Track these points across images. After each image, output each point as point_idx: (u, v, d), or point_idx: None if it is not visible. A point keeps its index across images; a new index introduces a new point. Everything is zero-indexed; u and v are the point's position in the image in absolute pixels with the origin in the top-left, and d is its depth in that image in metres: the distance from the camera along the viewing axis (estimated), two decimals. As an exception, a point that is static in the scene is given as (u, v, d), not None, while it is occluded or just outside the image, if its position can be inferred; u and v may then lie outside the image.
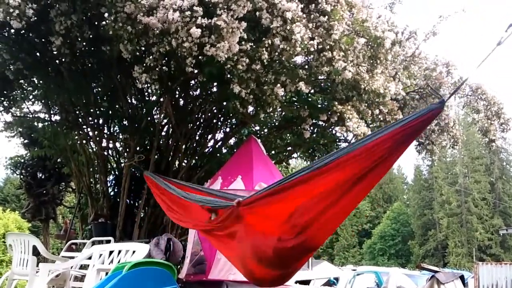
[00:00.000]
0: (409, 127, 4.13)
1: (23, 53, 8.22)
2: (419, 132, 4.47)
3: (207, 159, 11.27)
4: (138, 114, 10.36)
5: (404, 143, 4.31)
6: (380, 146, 4.21)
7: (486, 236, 51.40)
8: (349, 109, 8.69)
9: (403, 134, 4.17)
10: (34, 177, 12.95)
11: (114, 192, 10.91)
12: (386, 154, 4.27)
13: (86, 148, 10.70)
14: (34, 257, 6.75)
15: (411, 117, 4.21)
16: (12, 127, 11.58)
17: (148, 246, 6.74)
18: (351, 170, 4.41)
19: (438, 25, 11.78)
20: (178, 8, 6.55)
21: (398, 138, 4.18)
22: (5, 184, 45.39)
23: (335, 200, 4.62)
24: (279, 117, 11.78)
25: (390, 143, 4.19)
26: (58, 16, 7.12)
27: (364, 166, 4.35)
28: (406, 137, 4.23)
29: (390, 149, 4.24)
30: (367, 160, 4.31)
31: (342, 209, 4.84)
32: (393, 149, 4.26)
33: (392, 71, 9.75)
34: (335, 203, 4.64)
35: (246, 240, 5.27)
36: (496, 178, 55.87)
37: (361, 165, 4.35)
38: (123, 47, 7.04)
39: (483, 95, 12.06)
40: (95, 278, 6.40)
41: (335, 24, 7.72)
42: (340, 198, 4.60)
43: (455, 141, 12.02)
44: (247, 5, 6.73)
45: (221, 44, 6.62)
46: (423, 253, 55.98)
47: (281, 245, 5.13)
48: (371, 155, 4.27)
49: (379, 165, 4.37)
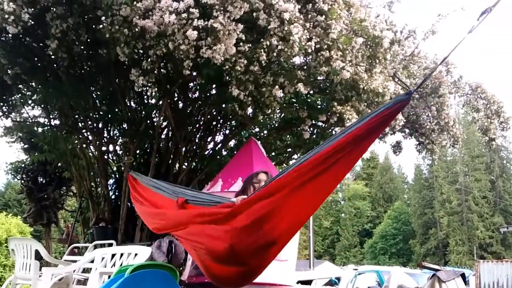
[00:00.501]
0: (376, 119, 4.10)
1: (21, 58, 8.20)
2: (385, 124, 4.42)
3: (207, 161, 11.27)
4: (138, 117, 10.37)
5: (370, 135, 4.28)
6: (345, 143, 4.22)
7: (487, 234, 51.41)
8: (348, 109, 8.69)
9: (370, 127, 4.14)
10: (35, 182, 12.96)
11: (115, 196, 10.92)
12: (351, 147, 4.26)
13: (86, 152, 10.70)
14: (37, 262, 6.76)
15: (378, 110, 4.19)
16: (12, 132, 11.59)
17: (150, 249, 6.73)
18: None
19: (437, 23, 11.77)
20: (174, 10, 6.54)
21: (364, 131, 4.15)
22: (6, 189, 45.48)
23: (295, 189, 4.51)
24: (278, 119, 11.77)
25: (355, 137, 4.19)
26: (54, 20, 7.12)
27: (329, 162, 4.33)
28: (372, 130, 4.20)
29: (355, 142, 4.23)
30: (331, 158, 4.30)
31: (304, 199, 4.68)
32: (358, 141, 4.24)
33: (391, 70, 9.75)
34: (295, 192, 4.52)
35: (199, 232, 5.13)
36: (496, 176, 55.87)
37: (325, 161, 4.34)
38: (120, 50, 7.05)
39: (482, 94, 12.08)
40: (98, 281, 6.40)
41: (333, 23, 7.72)
42: (300, 187, 4.49)
43: (455, 140, 12.02)
44: (243, 6, 6.70)
45: (218, 46, 6.60)
46: (424, 251, 55.98)
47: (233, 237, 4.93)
48: (337, 153, 4.28)
49: (342, 158, 4.32)
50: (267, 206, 4.65)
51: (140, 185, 6.54)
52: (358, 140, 4.22)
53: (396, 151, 13.03)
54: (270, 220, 4.73)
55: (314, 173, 4.39)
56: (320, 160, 4.34)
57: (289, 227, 5.01)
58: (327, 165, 4.35)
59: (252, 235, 4.82)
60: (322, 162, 4.34)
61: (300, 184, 4.46)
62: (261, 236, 4.85)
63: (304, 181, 4.43)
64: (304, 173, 4.42)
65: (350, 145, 4.23)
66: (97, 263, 6.81)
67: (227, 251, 4.91)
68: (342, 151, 4.25)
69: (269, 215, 4.71)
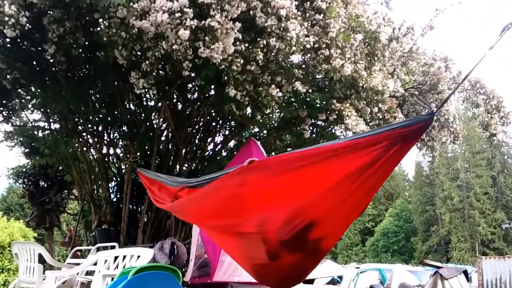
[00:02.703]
0: (395, 134, 4.06)
1: (19, 62, 8.20)
2: (403, 142, 4.19)
3: (208, 162, 11.28)
4: (137, 119, 10.38)
5: (388, 151, 4.18)
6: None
7: (489, 231, 51.29)
8: (347, 107, 8.68)
9: (386, 143, 4.09)
10: (37, 186, 12.97)
11: (117, 198, 10.93)
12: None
13: (86, 155, 10.72)
14: (40, 265, 6.78)
15: (395, 125, 4.20)
16: (13, 137, 11.60)
17: (152, 251, 6.74)
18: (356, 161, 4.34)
19: (435, 18, 11.77)
20: (167, 10, 6.53)
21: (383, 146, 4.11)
22: (8, 193, 45.47)
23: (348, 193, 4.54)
24: (278, 118, 11.76)
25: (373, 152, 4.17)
26: (51, 24, 7.11)
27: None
28: (390, 146, 4.13)
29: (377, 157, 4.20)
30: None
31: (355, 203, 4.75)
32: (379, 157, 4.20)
33: (390, 67, 9.76)
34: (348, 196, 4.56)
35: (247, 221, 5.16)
36: (497, 172, 55.77)
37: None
38: (118, 52, 7.05)
39: (482, 89, 12.08)
40: (101, 283, 6.42)
41: (331, 22, 7.73)
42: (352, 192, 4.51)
43: (456, 137, 12.02)
44: (241, 5, 6.70)
45: (216, 45, 6.60)
46: (426, 249, 55.88)
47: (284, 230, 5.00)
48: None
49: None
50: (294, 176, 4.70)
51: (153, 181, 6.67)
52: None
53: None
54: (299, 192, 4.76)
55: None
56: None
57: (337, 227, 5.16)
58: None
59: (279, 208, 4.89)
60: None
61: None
62: (293, 212, 4.86)
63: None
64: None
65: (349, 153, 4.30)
66: (100, 265, 6.83)
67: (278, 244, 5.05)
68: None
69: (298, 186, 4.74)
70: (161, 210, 9.75)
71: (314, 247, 5.20)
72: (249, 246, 5.36)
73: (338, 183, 4.51)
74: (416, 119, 4.19)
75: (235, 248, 5.77)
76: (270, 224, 4.99)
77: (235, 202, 5.09)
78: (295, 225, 4.87)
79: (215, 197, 5.31)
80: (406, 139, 4.14)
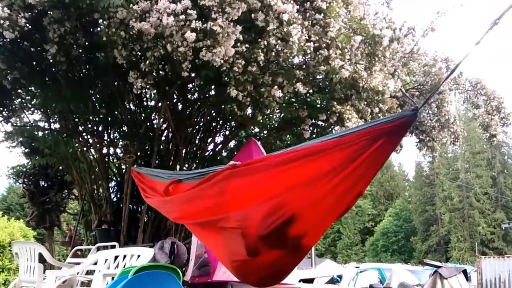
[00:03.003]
0: (374, 130, 4.06)
1: (19, 62, 8.20)
2: (388, 137, 4.13)
3: (208, 162, 11.28)
4: (137, 119, 10.38)
5: (370, 146, 4.14)
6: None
7: (489, 230, 51.31)
8: (348, 109, 8.68)
9: (368, 137, 4.08)
10: (37, 186, 12.97)
11: (117, 198, 10.94)
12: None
13: (86, 155, 10.72)
14: (41, 264, 6.79)
15: (379, 121, 4.18)
16: (13, 137, 11.61)
17: (152, 250, 6.74)
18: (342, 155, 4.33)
19: (436, 20, 11.79)
20: (172, 12, 6.54)
21: (364, 140, 4.10)
22: (8, 193, 45.50)
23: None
24: (278, 119, 11.77)
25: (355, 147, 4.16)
26: (51, 24, 7.12)
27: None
28: (371, 141, 4.10)
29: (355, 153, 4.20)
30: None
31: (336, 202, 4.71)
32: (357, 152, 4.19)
33: (391, 68, 9.77)
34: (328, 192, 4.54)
35: (228, 220, 5.16)
36: (497, 172, 55.80)
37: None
38: (117, 52, 7.06)
39: (482, 90, 12.09)
40: (102, 283, 6.42)
41: (331, 21, 7.73)
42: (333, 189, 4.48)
43: (456, 137, 12.04)
44: (241, 7, 6.70)
45: (217, 49, 6.61)
46: (426, 248, 55.87)
47: (264, 228, 4.97)
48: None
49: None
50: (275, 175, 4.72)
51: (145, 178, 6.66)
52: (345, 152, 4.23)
53: (396, 149, 13.03)
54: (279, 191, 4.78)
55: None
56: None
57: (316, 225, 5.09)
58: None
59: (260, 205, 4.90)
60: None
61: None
62: (272, 207, 4.86)
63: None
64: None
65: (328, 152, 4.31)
66: (101, 265, 6.83)
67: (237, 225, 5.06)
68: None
69: (278, 185, 4.75)
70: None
71: (294, 244, 5.16)
72: (229, 240, 5.35)
73: (316, 179, 4.50)
74: (400, 114, 4.15)
75: (217, 244, 5.76)
76: (250, 219, 4.98)
77: (219, 204, 5.16)
78: (274, 220, 4.83)
79: (199, 199, 5.35)
80: (390, 134, 4.09)
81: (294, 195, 4.71)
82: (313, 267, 11.41)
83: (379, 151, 4.19)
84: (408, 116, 3.95)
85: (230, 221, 5.12)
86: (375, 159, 4.31)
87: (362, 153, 4.16)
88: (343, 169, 4.31)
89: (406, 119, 3.96)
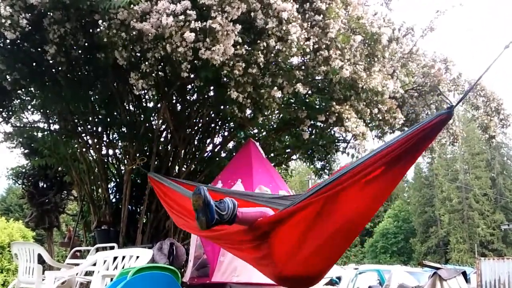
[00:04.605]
0: (416, 133, 4.02)
1: (19, 63, 8.20)
2: (426, 139, 4.19)
3: (207, 163, 11.30)
4: (137, 120, 10.39)
5: (411, 151, 4.17)
6: (385, 158, 4.14)
7: (488, 232, 51.37)
8: (347, 109, 8.66)
9: (411, 142, 4.05)
10: (36, 187, 12.99)
11: (116, 199, 10.95)
12: (391, 164, 4.19)
13: (86, 156, 10.73)
14: (40, 265, 6.80)
15: (419, 124, 4.10)
16: (13, 138, 11.62)
17: (151, 251, 6.76)
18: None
19: (435, 20, 11.75)
20: (171, 12, 6.54)
21: (407, 146, 4.07)
22: (8, 194, 45.54)
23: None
24: (277, 119, 11.75)
25: (397, 152, 4.10)
26: (51, 25, 7.14)
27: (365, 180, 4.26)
28: (413, 146, 4.10)
29: (396, 159, 4.15)
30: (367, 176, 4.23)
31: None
32: (397, 159, 4.16)
33: (390, 69, 9.76)
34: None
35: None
36: (497, 174, 55.87)
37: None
38: (118, 53, 7.06)
39: (482, 91, 12.06)
40: (100, 284, 6.43)
41: (331, 22, 7.73)
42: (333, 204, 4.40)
43: (455, 138, 12.00)
44: (241, 7, 6.70)
45: (216, 47, 6.61)
46: (425, 250, 55.90)
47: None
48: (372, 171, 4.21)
49: (384, 175, 4.26)
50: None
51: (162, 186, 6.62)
52: (397, 157, 4.15)
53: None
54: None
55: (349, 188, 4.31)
56: (361, 174, 4.25)
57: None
58: (365, 182, 4.28)
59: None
60: (362, 177, 4.26)
61: (333, 201, 4.38)
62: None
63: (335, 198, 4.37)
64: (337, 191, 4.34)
65: (389, 161, 4.17)
66: (99, 266, 6.84)
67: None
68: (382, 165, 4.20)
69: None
70: (160, 211, 9.77)
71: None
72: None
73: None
74: (437, 114, 4.12)
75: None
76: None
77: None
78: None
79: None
80: (428, 135, 4.15)
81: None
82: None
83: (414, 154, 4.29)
84: (444, 114, 3.98)
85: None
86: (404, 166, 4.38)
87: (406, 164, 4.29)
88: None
89: (441, 118, 3.98)
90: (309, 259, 4.80)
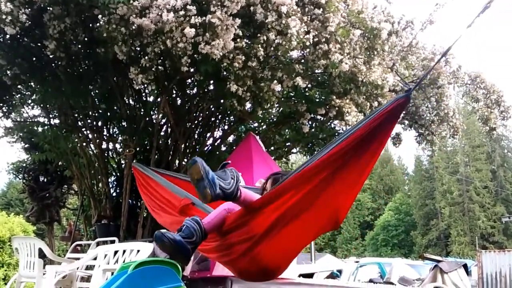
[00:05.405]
0: (375, 119, 3.92)
1: (19, 58, 8.21)
2: (388, 124, 4.06)
3: (207, 157, 11.28)
4: (137, 115, 10.40)
5: (374, 137, 4.06)
6: (343, 150, 4.04)
7: (489, 224, 51.33)
8: (347, 102, 8.67)
9: (371, 128, 3.94)
10: (37, 181, 13.03)
11: (116, 193, 10.95)
12: (351, 154, 4.09)
13: (86, 150, 10.73)
14: (41, 260, 6.79)
15: (377, 110, 4.00)
16: (13, 132, 11.64)
17: (152, 245, 6.76)
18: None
19: (435, 12, 11.73)
20: (171, 8, 6.55)
21: (365, 133, 3.96)
22: (8, 188, 45.66)
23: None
24: (277, 113, 11.77)
25: (355, 142, 4.00)
26: (51, 20, 7.15)
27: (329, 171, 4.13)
28: (374, 131, 3.99)
29: (356, 149, 4.05)
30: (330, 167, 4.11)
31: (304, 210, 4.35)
32: (361, 144, 4.05)
33: (390, 62, 9.75)
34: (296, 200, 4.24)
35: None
36: (497, 166, 55.80)
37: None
38: (117, 48, 7.07)
39: (482, 84, 12.06)
40: (101, 278, 6.44)
41: (331, 16, 7.72)
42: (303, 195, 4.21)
43: (455, 131, 12.01)
44: (240, 1, 6.71)
45: (216, 42, 6.61)
46: (426, 243, 55.88)
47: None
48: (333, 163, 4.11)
49: (347, 164, 4.16)
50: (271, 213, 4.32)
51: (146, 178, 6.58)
52: (360, 144, 4.03)
53: (395, 143, 13.00)
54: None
55: (318, 178, 4.15)
56: (322, 165, 4.12)
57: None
58: (331, 170, 4.14)
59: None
60: (324, 167, 4.13)
61: (304, 192, 4.19)
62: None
63: (308, 189, 4.18)
64: (306, 179, 4.18)
65: (352, 149, 4.05)
66: (100, 260, 6.84)
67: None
68: (346, 155, 4.08)
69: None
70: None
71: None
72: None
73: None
74: (394, 98, 4.01)
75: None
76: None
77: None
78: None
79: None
80: (389, 121, 4.04)
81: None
82: (313, 261, 11.40)
83: (378, 141, 4.15)
84: (401, 98, 3.89)
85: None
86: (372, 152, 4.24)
87: (366, 149, 4.13)
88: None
89: (399, 102, 3.88)
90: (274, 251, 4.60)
